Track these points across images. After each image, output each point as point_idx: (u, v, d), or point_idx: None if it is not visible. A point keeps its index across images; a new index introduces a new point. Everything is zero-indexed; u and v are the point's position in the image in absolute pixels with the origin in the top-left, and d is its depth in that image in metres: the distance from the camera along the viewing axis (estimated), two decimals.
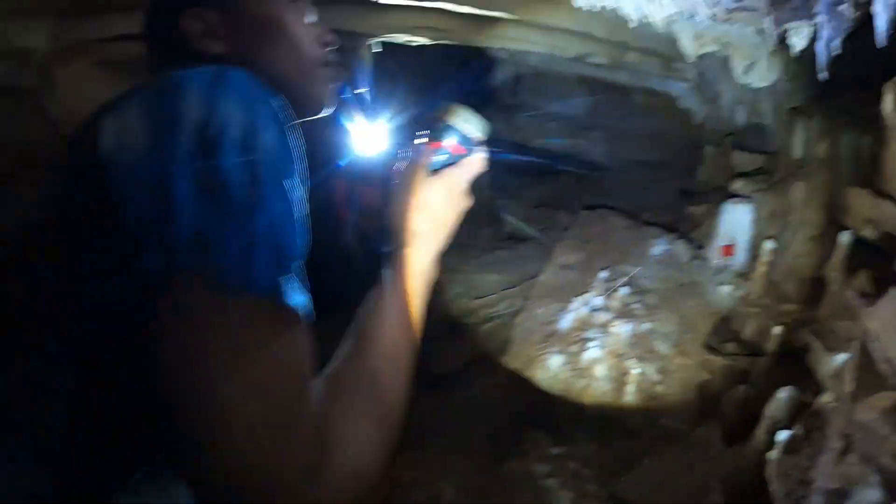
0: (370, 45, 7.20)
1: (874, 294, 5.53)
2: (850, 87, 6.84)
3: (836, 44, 5.02)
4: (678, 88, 9.28)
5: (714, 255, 7.41)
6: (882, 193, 5.95)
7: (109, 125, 0.90)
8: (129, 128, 0.87)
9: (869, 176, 6.42)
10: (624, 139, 9.93)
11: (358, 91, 7.11)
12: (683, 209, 8.39)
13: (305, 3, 1.40)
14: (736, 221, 7.51)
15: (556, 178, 9.81)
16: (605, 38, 7.56)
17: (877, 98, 6.60)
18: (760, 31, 6.08)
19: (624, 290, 6.66)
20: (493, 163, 1.37)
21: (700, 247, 7.57)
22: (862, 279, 5.79)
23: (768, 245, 6.73)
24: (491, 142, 1.41)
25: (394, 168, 1.38)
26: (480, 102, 10.65)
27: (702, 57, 7.33)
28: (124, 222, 0.83)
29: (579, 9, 5.38)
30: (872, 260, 5.85)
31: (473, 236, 8.59)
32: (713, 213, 7.75)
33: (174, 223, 0.81)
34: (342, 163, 6.35)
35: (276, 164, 0.92)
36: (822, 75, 5.37)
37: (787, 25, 5.99)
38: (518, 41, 7.81)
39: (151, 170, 0.83)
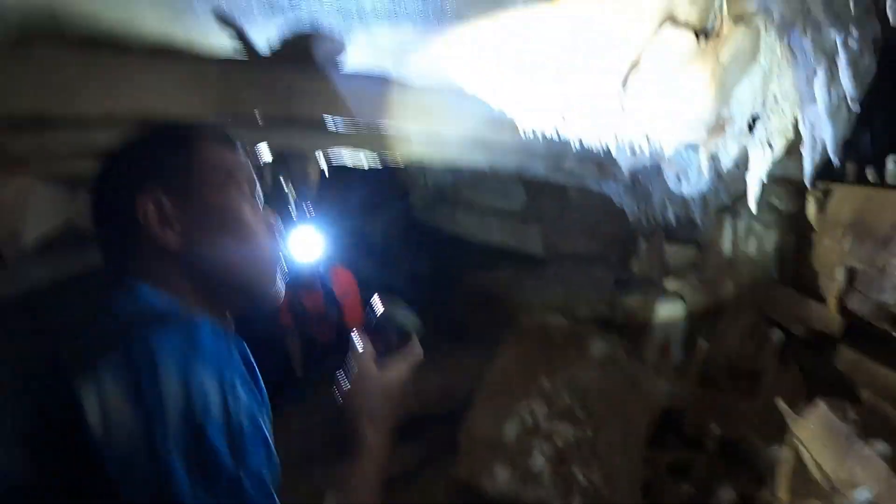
0: (317, 164, 7.19)
1: (803, 399, 5.65)
2: (779, 182, 7.16)
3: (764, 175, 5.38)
4: (613, 189, 9.54)
5: (651, 353, 7.45)
6: (809, 292, 6.17)
7: (90, 394, 0.92)
8: (114, 407, 0.91)
9: (796, 274, 6.68)
10: (560, 233, 10.06)
11: (300, 207, 7.06)
12: (620, 302, 8.46)
13: (259, 195, 1.39)
14: (670, 319, 7.61)
15: (495, 272, 9.82)
16: (544, 153, 7.78)
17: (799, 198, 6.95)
18: (693, 149, 6.44)
19: (565, 395, 6.56)
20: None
21: (637, 344, 7.61)
22: (791, 382, 5.91)
23: (702, 343, 6.82)
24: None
25: (343, 377, 1.57)
26: (420, 199, 10.76)
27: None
28: (120, 495, 0.89)
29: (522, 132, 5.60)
30: (803, 355, 6.00)
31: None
32: (648, 307, 7.84)
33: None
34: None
35: (254, 415, 1.00)
36: (752, 207, 5.68)
37: (718, 148, 6.37)
38: (460, 158, 7.97)
39: (149, 459, 0.89)
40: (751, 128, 5.00)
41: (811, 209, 6.24)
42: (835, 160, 4.08)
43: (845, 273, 5.45)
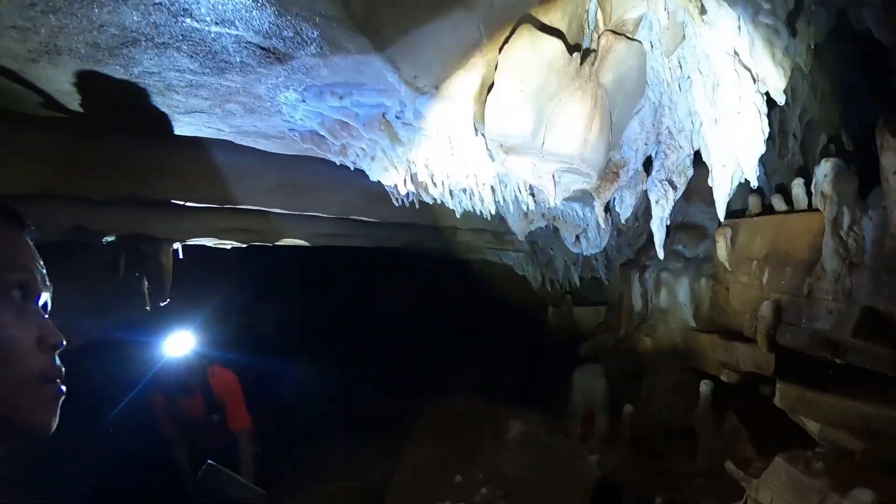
0: (173, 250, 6.31)
1: (749, 449, 5.01)
2: (681, 228, 6.77)
3: (667, 217, 4.91)
4: (513, 258, 9.05)
5: (574, 426, 6.67)
6: (731, 335, 5.64)
7: None
8: None
9: (714, 319, 6.17)
10: (465, 308, 9.39)
11: (159, 297, 6.20)
12: (536, 375, 7.75)
13: (30, 294, 1.06)
14: (588, 388, 6.91)
15: (405, 361, 8.91)
16: (431, 225, 7.21)
17: (705, 240, 6.56)
18: (588, 206, 5.97)
19: (484, 488, 5.61)
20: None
21: (558, 418, 6.82)
22: (731, 433, 5.25)
23: (628, 407, 6.10)
24: None
25: None
26: (310, 285, 9.79)
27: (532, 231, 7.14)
28: None
29: (401, 205, 4.96)
30: (738, 401, 5.37)
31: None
32: (565, 377, 7.11)
33: None
34: (153, 374, 5.47)
35: None
36: (660, 253, 5.20)
37: (613, 198, 5.91)
38: (343, 238, 7.24)
39: None
40: (647, 168, 4.54)
41: (721, 249, 5.80)
42: (754, 182, 3.57)
43: (771, 307, 4.91)
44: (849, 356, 4.15)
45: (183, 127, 4.00)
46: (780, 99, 3.20)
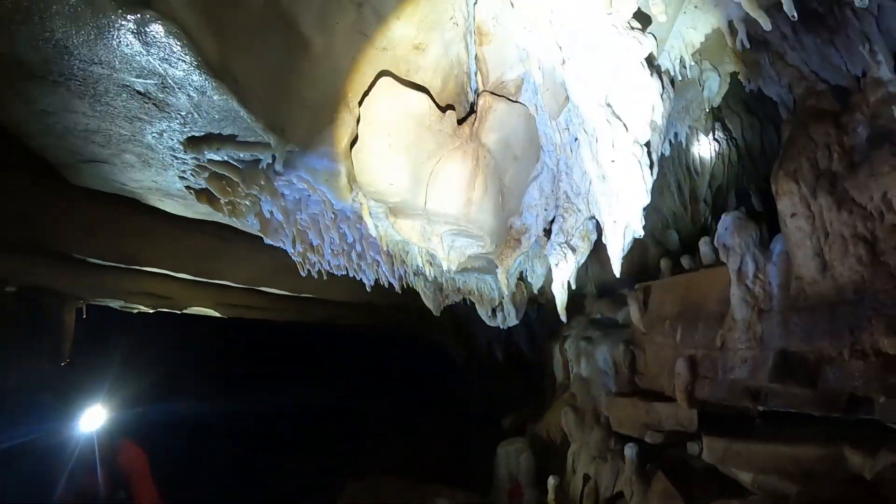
0: (77, 309, 5.74)
1: None
2: (600, 297, 6.69)
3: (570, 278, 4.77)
4: (436, 335, 8.76)
5: (500, 502, 6.22)
6: (652, 396, 5.44)
7: None
8: None
9: (634, 382, 5.97)
10: (391, 386, 8.90)
11: (59, 356, 5.58)
12: (461, 452, 7.30)
13: None
14: (513, 462, 6.53)
15: (324, 443, 8.24)
16: (346, 301, 6.89)
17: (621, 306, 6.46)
18: (498, 278, 5.82)
19: None
20: None
21: (484, 494, 6.37)
22: (661, 495, 4.96)
23: (552, 481, 5.74)
24: None
25: None
26: (230, 362, 9.06)
27: (451, 305, 6.93)
28: None
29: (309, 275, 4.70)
30: (666, 463, 5.09)
31: None
32: (491, 452, 6.71)
33: None
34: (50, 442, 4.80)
35: None
36: (563, 316, 5.01)
37: (522, 268, 5.80)
38: (256, 311, 6.80)
39: None
40: (547, 233, 4.43)
41: (634, 312, 5.70)
42: (640, 233, 3.46)
43: (686, 363, 4.76)
44: (770, 401, 3.99)
45: (87, 178, 3.81)
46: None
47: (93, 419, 4.68)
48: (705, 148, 5.73)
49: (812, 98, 3.97)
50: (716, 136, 5.48)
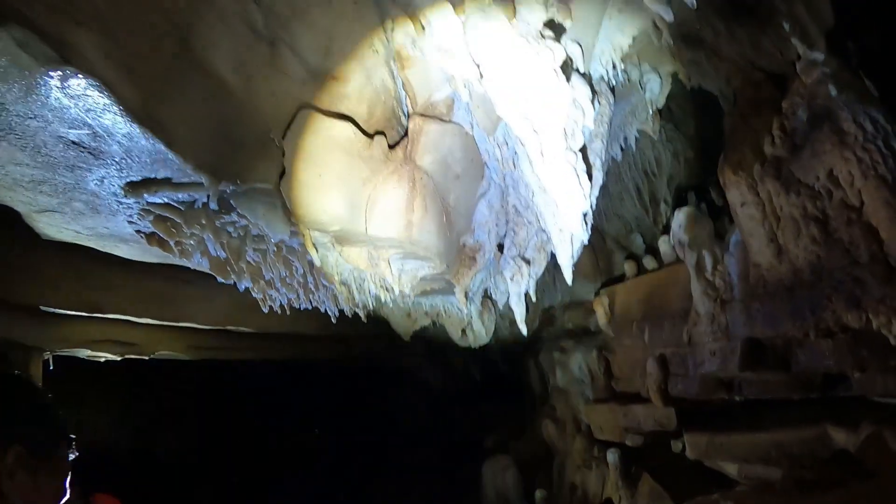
0: (44, 360, 5.39)
1: None
2: (568, 307, 6.55)
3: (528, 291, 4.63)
4: (413, 361, 8.50)
5: None
6: (628, 399, 5.27)
7: None
8: None
9: (611, 387, 5.81)
10: (375, 417, 8.59)
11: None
12: (446, 477, 7.03)
13: None
14: (499, 479, 6.29)
15: (316, 481, 7.85)
16: (315, 334, 6.63)
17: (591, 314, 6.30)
18: (470, 302, 5.64)
19: None
20: None
21: None
22: (649, 496, 4.78)
23: (539, 494, 5.51)
24: None
25: None
26: (211, 406, 8.59)
27: (422, 329, 6.73)
28: None
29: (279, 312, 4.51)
30: (651, 464, 4.92)
31: None
32: (477, 474, 6.47)
33: None
34: None
35: None
36: (523, 329, 4.88)
37: (485, 286, 5.63)
38: (224, 351, 6.49)
39: None
40: (501, 248, 4.29)
41: (601, 317, 5.57)
42: (585, 239, 3.34)
43: (656, 363, 4.62)
44: (743, 390, 3.85)
45: (45, 228, 3.71)
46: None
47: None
48: (659, 149, 5.67)
49: (750, 88, 3.91)
50: (668, 136, 5.41)
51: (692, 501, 3.39)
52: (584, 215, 3.17)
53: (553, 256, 3.92)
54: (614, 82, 3.85)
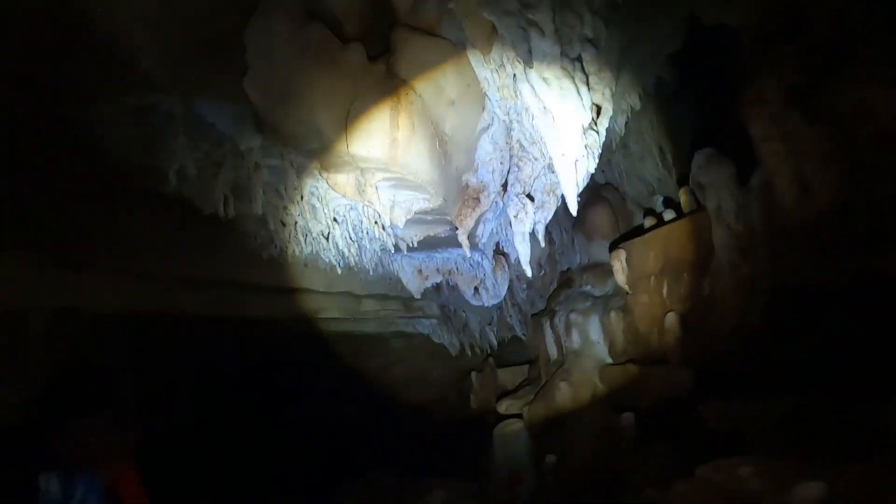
0: None
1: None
2: (586, 268, 6.21)
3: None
4: (427, 326, 8.25)
5: (498, 490, 5.71)
6: (645, 360, 4.93)
7: None
8: None
9: (628, 350, 5.46)
10: (386, 387, 8.38)
11: None
12: (460, 445, 6.81)
13: None
14: (510, 443, 6.03)
15: (316, 445, 7.71)
16: (327, 291, 6.42)
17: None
18: (484, 257, 5.34)
19: None
20: None
21: (481, 484, 5.88)
22: (661, 463, 4.45)
23: (549, 458, 5.23)
24: None
25: None
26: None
27: (437, 288, 6.48)
28: None
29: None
30: (665, 428, 4.58)
31: None
32: (487, 442, 6.23)
33: None
34: None
35: None
36: (527, 269, 4.53)
37: (497, 239, 5.33)
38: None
39: None
40: (505, 187, 3.95)
41: (618, 273, 5.19)
42: (592, 167, 2.97)
43: (676, 318, 4.25)
44: (768, 347, 3.47)
45: None
46: None
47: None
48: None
49: (772, 18, 3.46)
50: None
51: (709, 465, 3.03)
52: (586, 134, 2.82)
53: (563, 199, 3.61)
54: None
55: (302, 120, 2.71)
